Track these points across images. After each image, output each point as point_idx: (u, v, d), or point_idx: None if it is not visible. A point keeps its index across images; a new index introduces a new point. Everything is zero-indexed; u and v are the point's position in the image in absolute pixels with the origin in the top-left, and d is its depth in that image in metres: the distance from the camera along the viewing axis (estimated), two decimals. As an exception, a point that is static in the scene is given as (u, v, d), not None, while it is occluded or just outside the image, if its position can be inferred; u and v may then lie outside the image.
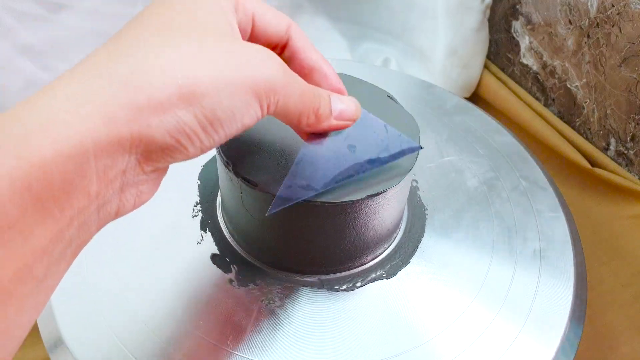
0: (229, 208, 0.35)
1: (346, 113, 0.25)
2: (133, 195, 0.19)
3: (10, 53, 0.51)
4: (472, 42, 0.65)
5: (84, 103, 0.16)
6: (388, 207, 0.32)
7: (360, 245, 0.33)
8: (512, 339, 0.32)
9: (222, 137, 0.20)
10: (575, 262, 0.37)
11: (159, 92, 0.17)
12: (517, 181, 0.42)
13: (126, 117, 0.17)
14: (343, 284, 0.34)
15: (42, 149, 0.15)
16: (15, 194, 0.15)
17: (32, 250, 0.16)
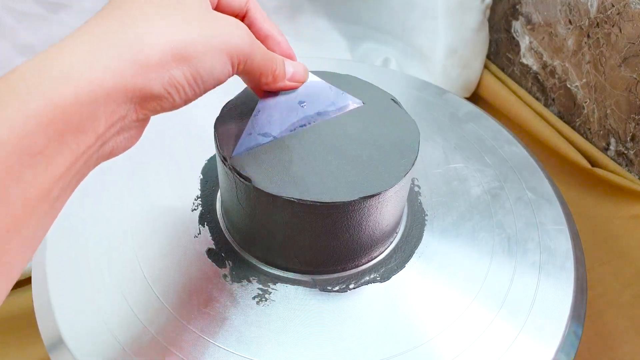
0: (225, 203, 0.35)
1: (297, 75, 0.30)
2: (124, 139, 0.24)
3: (10, 53, 0.51)
4: (472, 42, 0.65)
5: (98, 60, 0.20)
6: (383, 209, 0.32)
7: (354, 247, 0.33)
8: (512, 339, 0.32)
9: (202, 90, 0.25)
10: (575, 262, 0.37)
11: (157, 53, 0.21)
12: (523, 192, 0.41)
13: (131, 72, 0.21)
14: (336, 285, 0.34)
15: (65, 94, 0.19)
16: (42, 127, 0.19)
17: (52, 175, 0.20)
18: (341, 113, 0.34)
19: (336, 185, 0.30)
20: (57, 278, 0.34)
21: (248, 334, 0.31)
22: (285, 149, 0.31)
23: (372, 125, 0.34)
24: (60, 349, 0.31)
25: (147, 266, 0.34)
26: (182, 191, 0.39)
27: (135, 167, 0.40)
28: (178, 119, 0.45)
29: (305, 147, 0.32)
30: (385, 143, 0.33)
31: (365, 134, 0.33)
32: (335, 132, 0.33)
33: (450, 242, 0.37)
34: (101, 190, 0.39)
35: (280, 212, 0.30)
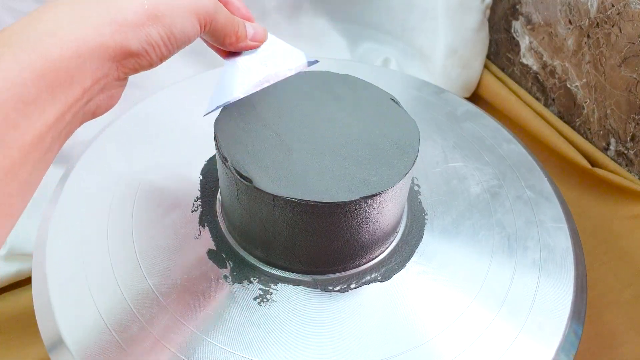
0: (226, 204, 0.35)
1: (257, 35, 0.32)
2: (107, 97, 0.25)
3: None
4: (472, 42, 0.65)
5: (81, 19, 0.22)
6: (384, 209, 0.32)
7: (355, 247, 0.33)
8: (512, 339, 0.32)
9: (176, 49, 0.27)
10: (575, 261, 0.37)
11: (133, 14, 0.24)
12: (522, 190, 0.41)
13: (111, 31, 0.23)
14: (337, 284, 0.34)
15: (53, 49, 0.21)
16: (34, 78, 0.21)
17: (45, 123, 0.21)
18: (300, 71, 0.35)
19: (337, 185, 0.30)
20: (57, 278, 0.34)
21: (249, 334, 0.31)
22: (286, 149, 0.31)
23: (372, 125, 0.34)
24: (60, 349, 0.31)
25: (147, 267, 0.34)
26: (182, 192, 0.39)
27: (134, 168, 0.41)
28: (177, 119, 0.45)
29: (306, 146, 0.32)
30: (386, 142, 0.33)
31: (365, 133, 0.33)
32: (335, 131, 0.33)
33: (450, 241, 0.37)
34: (101, 191, 0.39)
35: (281, 212, 0.30)
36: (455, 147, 0.44)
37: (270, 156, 0.31)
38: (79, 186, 0.39)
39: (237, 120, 0.33)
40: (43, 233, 0.37)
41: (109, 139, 0.43)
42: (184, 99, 0.47)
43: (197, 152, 0.42)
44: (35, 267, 0.35)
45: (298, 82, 0.36)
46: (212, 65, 0.60)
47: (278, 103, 0.35)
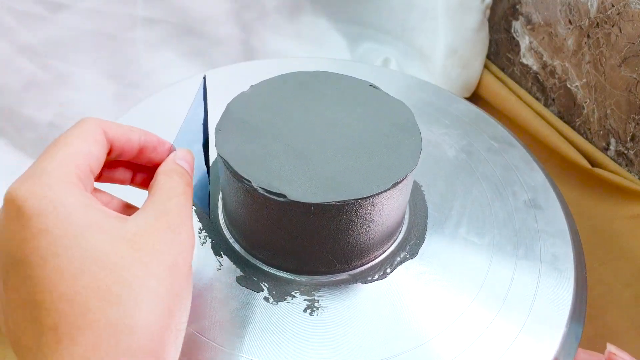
0: (246, 226, 0.34)
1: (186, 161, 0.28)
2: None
3: (10, 53, 0.51)
4: (472, 42, 0.65)
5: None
6: (406, 190, 0.33)
7: (384, 233, 0.34)
8: (512, 339, 0.32)
9: None
10: (575, 261, 0.37)
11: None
12: (489, 143, 0.44)
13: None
14: (374, 273, 0.34)
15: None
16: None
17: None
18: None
19: (364, 179, 0.30)
20: (57, 278, 0.34)
21: (258, 338, 0.31)
22: (297, 155, 0.31)
23: (366, 114, 0.34)
24: (60, 349, 0.31)
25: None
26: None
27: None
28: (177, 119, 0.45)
29: (314, 149, 0.32)
30: (387, 129, 0.34)
31: (363, 125, 0.34)
32: (335, 129, 0.33)
33: (452, 213, 0.38)
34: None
35: (317, 218, 0.30)
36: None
37: (288, 167, 0.31)
38: (79, 186, 0.39)
39: (239, 142, 0.32)
40: (43, 233, 0.36)
41: (109, 139, 0.43)
42: (184, 99, 0.47)
43: (197, 152, 0.41)
44: (35, 267, 0.35)
45: (274, 85, 0.36)
46: (212, 65, 0.60)
47: (266, 114, 0.34)
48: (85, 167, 0.23)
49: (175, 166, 0.27)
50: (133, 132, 0.26)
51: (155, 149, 0.27)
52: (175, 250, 0.23)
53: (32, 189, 0.21)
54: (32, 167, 0.22)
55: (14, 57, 0.51)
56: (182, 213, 0.24)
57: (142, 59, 0.57)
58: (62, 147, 0.23)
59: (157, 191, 0.25)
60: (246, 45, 0.62)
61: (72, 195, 0.22)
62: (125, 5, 0.55)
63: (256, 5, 0.61)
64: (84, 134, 0.24)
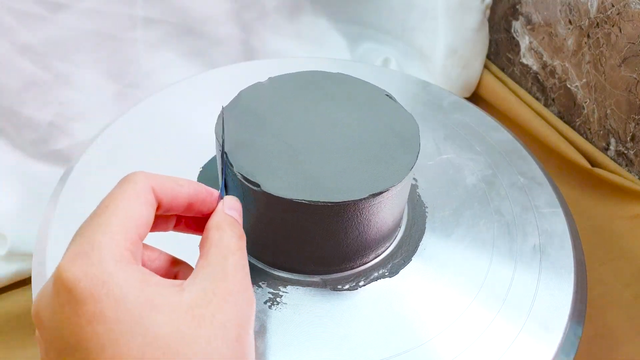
0: None
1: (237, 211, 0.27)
2: None
3: (10, 53, 0.51)
4: (472, 42, 0.65)
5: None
6: (389, 205, 0.32)
7: (362, 245, 0.33)
8: (512, 339, 0.32)
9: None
10: (575, 261, 0.37)
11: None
12: (515, 178, 0.42)
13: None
14: (346, 283, 0.34)
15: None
16: None
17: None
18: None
19: (345, 184, 0.30)
20: (57, 278, 0.34)
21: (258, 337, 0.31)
22: (290, 151, 0.31)
23: (371, 122, 0.34)
24: (60, 349, 0.31)
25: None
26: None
27: (135, 168, 0.40)
28: (177, 119, 0.45)
29: (309, 147, 0.32)
30: (386, 138, 0.33)
31: (364, 130, 0.33)
32: (335, 130, 0.33)
33: (452, 238, 0.37)
34: (101, 191, 0.39)
35: (290, 215, 0.30)
36: (447, 139, 0.45)
37: (276, 159, 0.31)
38: (79, 186, 0.39)
39: (238, 127, 0.33)
40: (43, 233, 0.36)
41: (109, 139, 0.43)
42: (184, 99, 0.47)
43: (197, 152, 0.41)
44: (35, 267, 0.35)
45: (290, 81, 0.36)
46: (212, 65, 0.60)
47: (274, 106, 0.35)
48: (136, 237, 0.22)
49: (226, 217, 0.25)
50: (182, 186, 0.25)
51: (204, 200, 0.26)
52: (238, 321, 0.22)
53: (83, 269, 0.20)
54: (81, 240, 0.21)
55: (14, 57, 0.51)
56: (241, 274, 0.23)
57: (142, 59, 0.57)
58: (112, 214, 0.22)
59: (211, 249, 0.23)
60: (246, 45, 0.62)
61: (125, 272, 0.21)
62: (125, 5, 0.55)
63: (256, 5, 0.61)
64: (133, 195, 0.23)
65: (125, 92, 0.57)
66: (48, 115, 0.53)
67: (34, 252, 0.36)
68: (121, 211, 0.22)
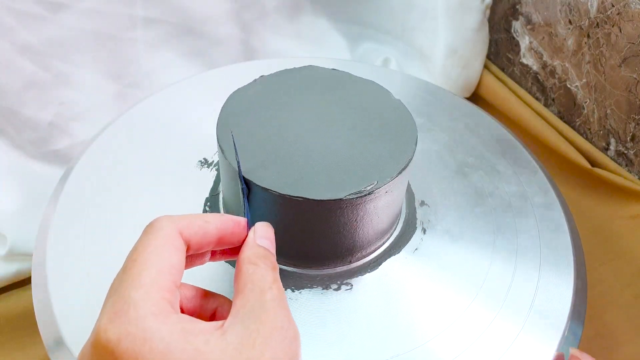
0: (232, 207, 0.35)
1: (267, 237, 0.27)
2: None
3: (10, 53, 0.51)
4: (472, 42, 0.65)
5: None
6: (387, 200, 0.32)
7: (357, 242, 0.33)
8: (512, 339, 0.32)
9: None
10: (575, 261, 0.37)
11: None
12: (515, 177, 0.42)
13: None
14: (343, 282, 0.34)
15: None
16: None
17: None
18: None
19: (345, 179, 0.30)
20: (57, 278, 0.34)
21: None
22: (287, 148, 0.31)
23: (364, 113, 0.34)
24: (60, 349, 0.31)
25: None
26: (186, 199, 0.39)
27: (135, 168, 0.41)
28: (177, 119, 0.45)
29: (305, 143, 0.32)
30: (382, 129, 0.33)
31: (360, 122, 0.34)
32: (331, 126, 0.33)
33: (452, 238, 0.37)
34: (101, 191, 0.39)
35: (295, 212, 0.30)
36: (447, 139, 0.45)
37: (272, 155, 0.31)
38: (79, 186, 0.39)
39: (238, 138, 0.32)
40: (43, 233, 0.37)
41: (109, 139, 0.43)
42: (184, 99, 0.47)
43: (197, 152, 0.42)
44: (35, 267, 0.35)
45: (259, 86, 0.36)
46: (212, 65, 0.60)
47: (258, 111, 0.34)
48: (171, 285, 0.22)
49: (259, 250, 0.25)
50: (208, 223, 0.24)
51: (233, 232, 0.25)
52: (287, 356, 0.21)
53: (122, 328, 0.20)
54: (115, 298, 0.21)
55: (14, 57, 0.51)
56: (281, 308, 0.22)
57: (142, 59, 0.57)
58: (144, 268, 0.22)
59: (248, 285, 0.23)
60: (246, 45, 0.62)
61: (165, 325, 0.20)
62: (125, 5, 0.55)
63: (256, 5, 0.61)
64: (162, 244, 0.22)
65: (125, 92, 0.57)
66: (48, 115, 0.53)
67: (34, 252, 0.36)
68: (151, 263, 0.22)
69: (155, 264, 0.22)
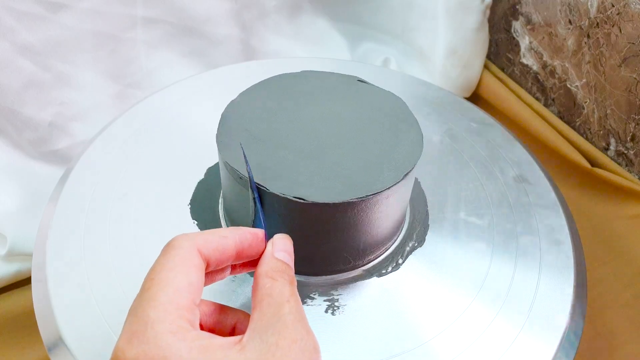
0: (235, 215, 0.34)
1: (286, 252, 0.27)
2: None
3: (10, 53, 0.51)
4: (472, 42, 0.65)
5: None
6: (392, 203, 0.32)
7: (361, 245, 0.33)
8: (512, 339, 0.32)
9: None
10: (575, 261, 0.37)
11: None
12: (515, 177, 0.42)
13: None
14: (388, 266, 0.35)
15: None
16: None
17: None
18: None
19: (345, 184, 0.30)
20: (57, 278, 0.34)
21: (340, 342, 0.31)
22: (306, 157, 0.31)
23: (366, 116, 0.34)
24: (60, 349, 0.31)
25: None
26: (185, 205, 0.39)
27: (135, 168, 0.41)
28: (177, 119, 0.45)
29: (318, 149, 0.32)
30: (387, 131, 0.33)
31: (363, 122, 0.34)
32: (335, 127, 0.33)
33: (452, 238, 0.37)
34: (101, 191, 0.39)
35: (332, 217, 0.30)
36: (447, 139, 0.45)
37: (298, 169, 0.31)
38: (79, 186, 0.39)
39: (239, 149, 0.32)
40: (43, 233, 0.37)
41: (109, 139, 0.43)
42: (184, 99, 0.47)
43: (197, 152, 0.42)
44: (35, 267, 0.35)
45: (262, 91, 0.36)
46: (212, 65, 0.60)
47: (259, 118, 0.34)
48: (190, 304, 0.22)
49: (276, 263, 0.25)
50: (226, 238, 0.24)
51: (251, 245, 0.25)
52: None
53: (140, 348, 0.20)
54: (133, 319, 0.21)
55: (14, 57, 0.51)
56: (299, 321, 0.22)
57: (142, 59, 0.57)
58: (161, 287, 0.22)
59: (265, 299, 0.23)
60: (246, 45, 0.62)
61: (184, 342, 0.20)
62: (125, 5, 0.55)
63: (256, 5, 0.61)
64: (180, 263, 0.22)
65: (125, 92, 0.57)
66: (48, 115, 0.53)
67: (34, 252, 0.36)
68: (169, 282, 0.22)
69: (172, 283, 0.22)
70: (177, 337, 0.20)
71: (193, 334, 0.21)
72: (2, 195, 0.49)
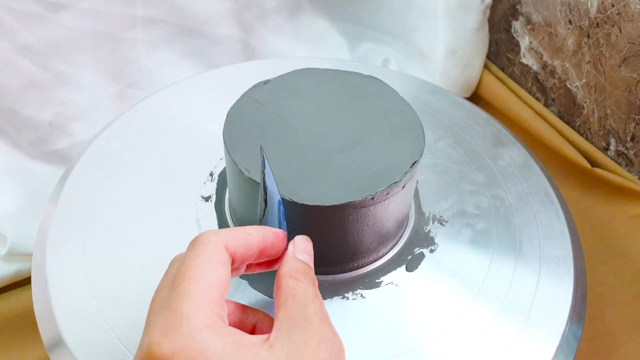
0: (241, 214, 0.34)
1: (306, 252, 0.27)
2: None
3: (10, 53, 0.51)
4: (472, 42, 0.65)
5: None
6: (397, 202, 0.32)
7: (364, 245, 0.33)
8: (512, 339, 0.32)
9: None
10: (575, 261, 0.37)
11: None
12: (515, 177, 0.42)
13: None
14: (346, 287, 0.34)
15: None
16: None
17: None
18: None
19: (357, 182, 0.30)
20: (57, 278, 0.34)
21: None
22: (309, 156, 0.31)
23: (371, 110, 0.35)
24: (60, 349, 0.31)
25: (151, 271, 0.34)
26: (187, 203, 0.39)
27: (135, 168, 0.41)
28: (177, 119, 0.45)
29: (322, 147, 0.32)
30: (389, 130, 0.33)
31: (368, 124, 0.34)
32: (339, 125, 0.33)
33: (451, 239, 0.37)
34: (101, 191, 0.39)
35: (335, 218, 0.30)
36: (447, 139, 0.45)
37: (303, 169, 0.31)
38: (79, 186, 0.39)
39: (248, 145, 0.32)
40: (43, 233, 0.37)
41: (109, 139, 0.43)
42: (184, 99, 0.47)
43: (197, 152, 0.42)
44: (35, 267, 0.35)
45: (269, 88, 0.36)
46: (212, 65, 0.60)
47: (266, 113, 0.34)
48: (220, 299, 0.22)
49: (299, 264, 0.25)
50: (251, 236, 0.25)
51: (273, 244, 0.26)
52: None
53: (176, 341, 0.20)
54: (167, 312, 0.21)
55: (14, 57, 0.51)
56: (324, 320, 0.23)
57: (142, 59, 0.57)
58: (193, 283, 0.22)
59: (290, 299, 0.23)
60: (246, 45, 0.62)
61: (219, 337, 0.21)
62: (125, 5, 0.55)
63: (256, 5, 0.61)
64: (209, 258, 0.23)
65: (125, 92, 0.57)
66: (48, 115, 0.53)
67: (34, 252, 0.36)
68: (201, 277, 0.22)
69: (204, 278, 0.22)
70: (212, 332, 0.21)
71: (225, 329, 0.21)
72: (2, 195, 0.49)
